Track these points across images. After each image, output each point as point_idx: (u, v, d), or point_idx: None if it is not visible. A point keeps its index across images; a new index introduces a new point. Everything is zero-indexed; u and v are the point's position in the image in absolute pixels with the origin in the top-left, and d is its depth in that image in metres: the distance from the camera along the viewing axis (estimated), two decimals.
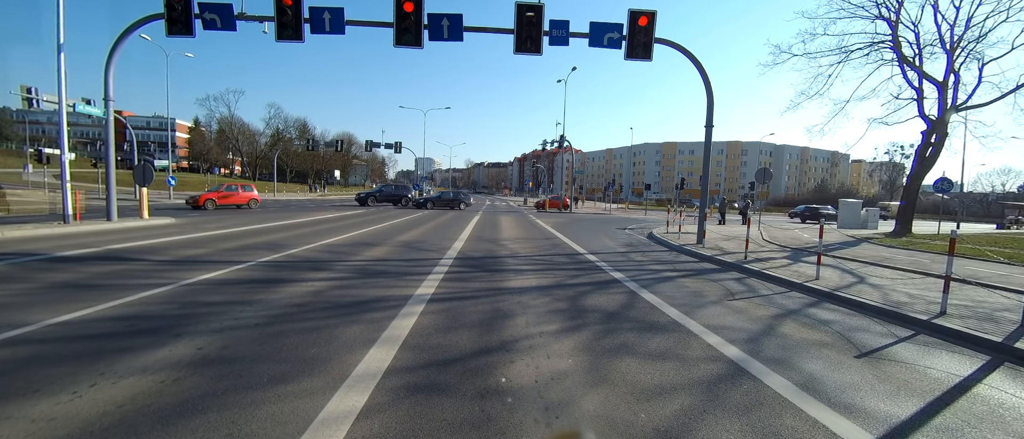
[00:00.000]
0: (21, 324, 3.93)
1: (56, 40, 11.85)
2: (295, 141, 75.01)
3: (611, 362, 3.50)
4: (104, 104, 12.78)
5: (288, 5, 11.28)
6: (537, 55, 11.86)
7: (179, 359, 3.28)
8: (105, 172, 13.47)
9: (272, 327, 4.12)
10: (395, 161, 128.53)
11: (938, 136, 16.67)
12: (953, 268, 5.29)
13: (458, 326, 4.30)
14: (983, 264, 9.62)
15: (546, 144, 34.91)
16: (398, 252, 9.28)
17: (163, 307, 4.69)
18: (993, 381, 3.44)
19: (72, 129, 53.06)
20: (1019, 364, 3.81)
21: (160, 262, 7.34)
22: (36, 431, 2.28)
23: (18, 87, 12.78)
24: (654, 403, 2.82)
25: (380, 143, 42.25)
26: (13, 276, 5.98)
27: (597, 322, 4.64)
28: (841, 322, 4.98)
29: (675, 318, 4.89)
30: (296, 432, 2.36)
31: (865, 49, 17.03)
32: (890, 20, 16.40)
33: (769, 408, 2.82)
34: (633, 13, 11.63)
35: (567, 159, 77.27)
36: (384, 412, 2.60)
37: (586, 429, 2.42)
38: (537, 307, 5.12)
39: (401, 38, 11.58)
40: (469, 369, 3.28)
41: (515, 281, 6.66)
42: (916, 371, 3.58)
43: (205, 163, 78.32)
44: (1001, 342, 4.13)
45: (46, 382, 2.83)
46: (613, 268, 8.16)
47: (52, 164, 18.50)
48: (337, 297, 5.34)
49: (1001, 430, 2.67)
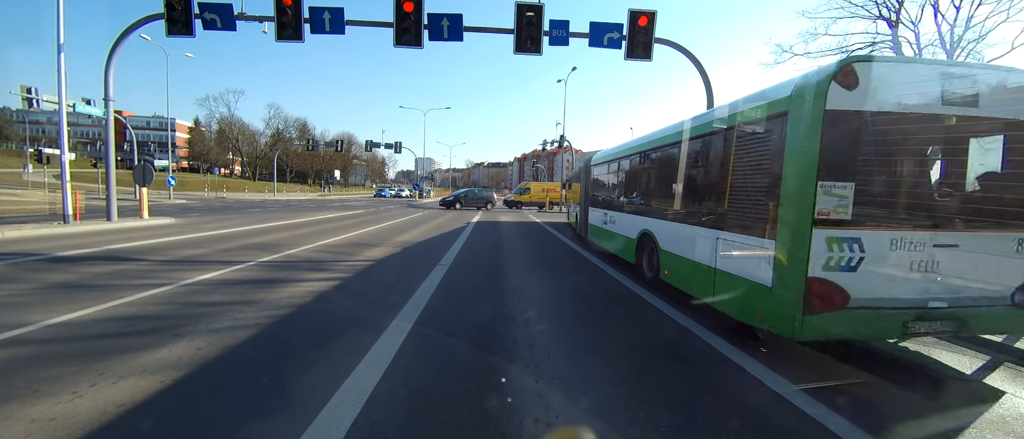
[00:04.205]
0: (21, 324, 3.93)
1: (56, 40, 11.84)
2: (295, 141, 75.03)
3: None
4: (104, 104, 12.77)
5: (288, 5, 11.27)
6: (537, 55, 11.85)
7: (179, 359, 3.27)
8: (105, 172, 13.46)
9: (272, 327, 4.12)
10: (395, 161, 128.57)
11: None
12: None
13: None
14: None
15: (546, 144, 34.86)
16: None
17: (163, 307, 4.69)
18: (993, 381, 3.44)
19: (72, 129, 53.08)
20: (1019, 364, 3.80)
21: (160, 262, 7.35)
22: (36, 431, 2.28)
23: (18, 87, 12.77)
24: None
25: (380, 143, 42.32)
26: (13, 276, 5.98)
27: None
28: None
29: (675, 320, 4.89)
30: (296, 431, 2.36)
31: (865, 49, 17.02)
32: (890, 20, 16.40)
33: (769, 408, 2.82)
34: (633, 13, 11.62)
35: (567, 159, 77.30)
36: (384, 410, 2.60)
37: (586, 429, 2.43)
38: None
39: (401, 38, 11.57)
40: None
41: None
42: (916, 371, 3.58)
43: (205, 163, 78.29)
44: (1001, 342, 4.13)
45: (46, 382, 2.83)
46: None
47: (52, 164, 18.48)
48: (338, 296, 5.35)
49: (1001, 430, 2.67)
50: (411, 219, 18.88)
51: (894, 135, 3.36)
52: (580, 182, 13.30)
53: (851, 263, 3.23)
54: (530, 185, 36.75)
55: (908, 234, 3.29)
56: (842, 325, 3.24)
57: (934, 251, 3.30)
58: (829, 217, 3.18)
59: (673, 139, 5.91)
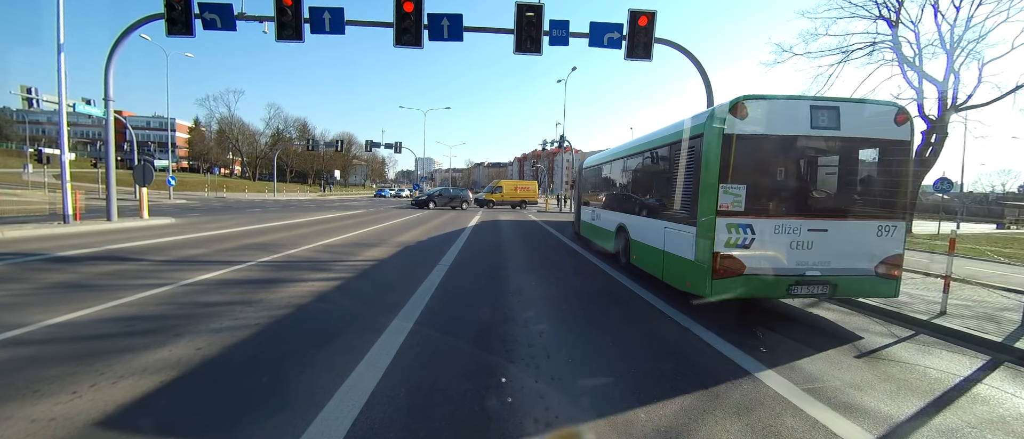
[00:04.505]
0: (21, 324, 3.93)
1: (56, 40, 11.84)
2: (295, 141, 74.99)
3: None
4: (104, 104, 12.77)
5: (288, 5, 11.26)
6: (537, 55, 11.84)
7: (179, 359, 3.27)
8: (105, 172, 13.46)
9: (272, 327, 4.12)
10: (395, 161, 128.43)
11: (938, 136, 16.66)
12: (953, 268, 5.28)
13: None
14: (983, 264, 9.62)
15: (546, 144, 34.77)
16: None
17: (163, 307, 4.69)
18: (993, 381, 3.44)
19: (72, 129, 53.05)
20: (1019, 364, 3.80)
21: (160, 262, 7.34)
22: (36, 431, 2.28)
23: (18, 87, 12.76)
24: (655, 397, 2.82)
25: (380, 143, 42.25)
26: (13, 276, 5.98)
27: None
28: (841, 321, 4.98)
29: (676, 319, 4.89)
30: (297, 431, 2.36)
31: (866, 49, 17.04)
32: (890, 20, 16.41)
33: (769, 408, 2.82)
34: (633, 13, 11.61)
35: (567, 159, 77.23)
36: (384, 412, 2.60)
37: (586, 429, 2.43)
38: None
39: (401, 38, 11.56)
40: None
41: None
42: (916, 371, 3.58)
43: (205, 163, 78.26)
44: (1001, 342, 4.13)
45: (46, 382, 2.83)
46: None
47: (52, 164, 18.49)
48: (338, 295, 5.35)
49: (1001, 430, 2.67)
50: (410, 219, 18.87)
51: (776, 150, 4.69)
52: (575, 184, 14.60)
53: (745, 242, 4.51)
54: (502, 183, 35.76)
55: (788, 221, 4.55)
56: (740, 287, 4.53)
57: (809, 234, 4.56)
58: (729, 209, 4.46)
59: (639, 149, 7.27)
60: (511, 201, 33.26)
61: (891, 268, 4.71)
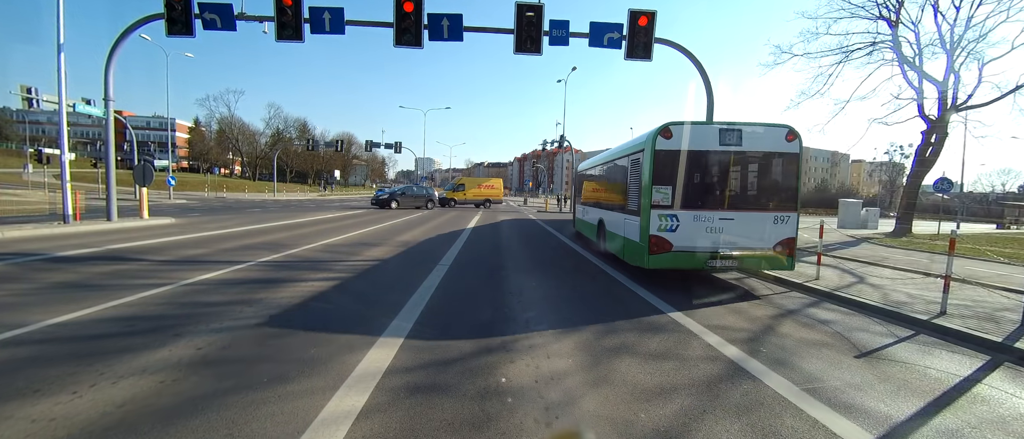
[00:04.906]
0: (21, 324, 3.93)
1: (56, 40, 11.84)
2: (295, 141, 74.94)
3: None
4: (104, 104, 12.77)
5: (288, 5, 11.26)
6: (537, 55, 11.85)
7: (179, 359, 3.28)
8: (105, 172, 13.46)
9: (272, 327, 4.12)
10: (395, 161, 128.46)
11: (938, 136, 16.64)
12: (953, 268, 5.28)
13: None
14: (983, 264, 9.62)
15: (546, 144, 34.79)
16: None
17: (163, 307, 4.69)
18: (993, 381, 3.43)
19: (72, 129, 53.01)
20: (1019, 364, 3.80)
21: (160, 262, 7.35)
22: (36, 431, 2.28)
23: (18, 87, 12.76)
24: (652, 401, 2.83)
25: (380, 143, 42.21)
26: (13, 276, 5.98)
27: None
28: (841, 322, 4.98)
29: (675, 318, 4.89)
30: (296, 431, 2.36)
31: (866, 49, 17.00)
32: (890, 20, 16.37)
33: (769, 408, 2.82)
34: (633, 13, 11.61)
35: (567, 159, 77.21)
36: (385, 412, 2.60)
37: (586, 429, 2.43)
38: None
39: (401, 38, 11.56)
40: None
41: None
42: (916, 371, 3.58)
43: (205, 163, 78.24)
44: (1001, 342, 4.13)
45: (46, 382, 2.83)
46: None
47: (52, 164, 18.50)
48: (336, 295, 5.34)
49: (1001, 430, 2.67)
50: (409, 219, 18.88)
51: (694, 161, 6.29)
52: (573, 185, 16.26)
53: (672, 227, 6.23)
54: (465, 181, 34.64)
55: (704, 212, 6.27)
56: (669, 261, 6.27)
57: (720, 222, 6.28)
58: (660, 204, 6.23)
59: (611, 158, 8.97)
60: (474, 200, 32.33)
61: (785, 248, 6.39)
